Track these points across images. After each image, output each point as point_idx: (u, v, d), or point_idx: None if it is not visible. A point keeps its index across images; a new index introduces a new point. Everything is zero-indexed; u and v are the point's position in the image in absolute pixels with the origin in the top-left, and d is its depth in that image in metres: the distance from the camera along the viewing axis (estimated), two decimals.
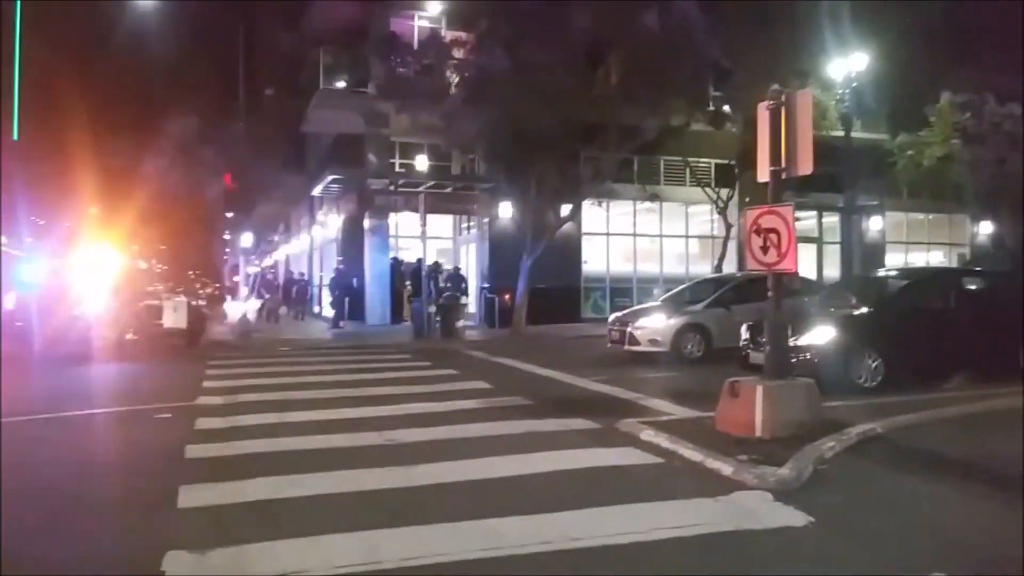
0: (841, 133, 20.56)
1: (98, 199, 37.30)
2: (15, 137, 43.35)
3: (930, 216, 30.11)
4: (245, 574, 4.18)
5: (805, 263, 25.25)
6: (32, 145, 41.90)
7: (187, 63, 36.79)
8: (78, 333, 15.46)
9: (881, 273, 14.82)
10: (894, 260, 28.39)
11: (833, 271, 26.33)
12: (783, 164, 7.38)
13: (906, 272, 14.75)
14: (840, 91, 20.80)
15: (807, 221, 27.85)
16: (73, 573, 4.33)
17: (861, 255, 24.51)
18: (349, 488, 5.84)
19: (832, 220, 27.80)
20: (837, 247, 26.85)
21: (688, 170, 26.01)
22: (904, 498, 5.70)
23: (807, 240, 27.31)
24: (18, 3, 38.95)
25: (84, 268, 18.76)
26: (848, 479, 6.11)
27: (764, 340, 10.63)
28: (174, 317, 17.08)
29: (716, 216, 25.33)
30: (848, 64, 20.28)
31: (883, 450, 6.96)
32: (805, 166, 7.33)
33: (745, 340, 11.43)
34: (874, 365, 10.13)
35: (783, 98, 7.41)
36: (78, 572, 4.33)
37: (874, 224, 27.87)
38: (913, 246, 29.98)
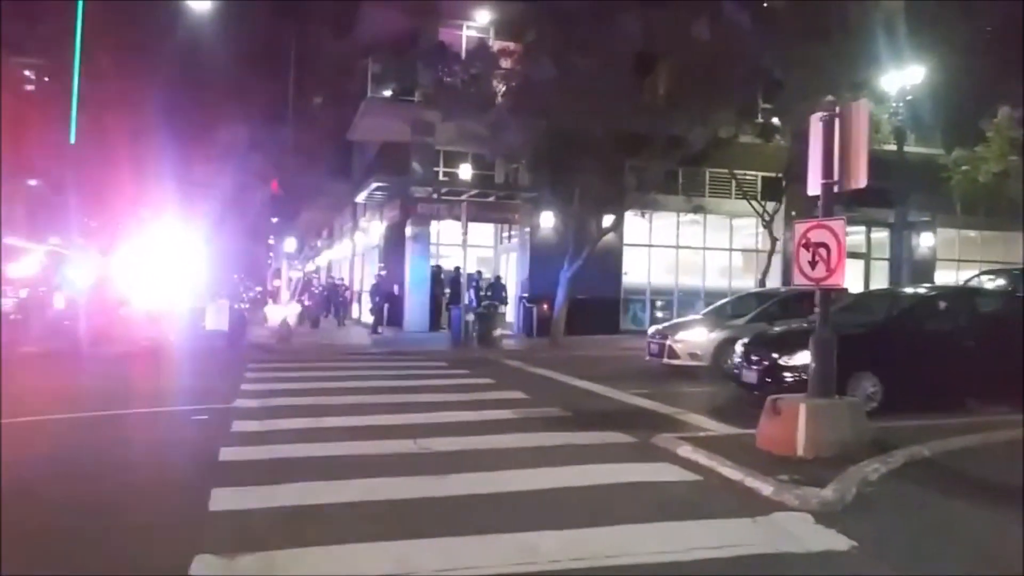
0: (894, 147, 20.09)
1: (148, 202, 38.14)
2: (72, 141, 44.60)
3: (984, 233, 29.26)
4: None
5: (852, 279, 24.66)
6: (87, 148, 43.07)
7: (238, 70, 37.42)
8: (123, 332, 15.75)
9: (885, 290, 14.22)
10: (944, 278, 27.63)
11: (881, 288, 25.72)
12: (835, 177, 7.17)
13: (913, 291, 14.06)
14: (894, 104, 20.32)
15: (855, 236, 27.27)
16: (100, 574, 4.31)
17: (910, 272, 23.89)
18: (381, 496, 5.78)
19: (881, 236, 27.19)
20: (886, 263, 26.24)
21: (734, 182, 25.65)
22: (952, 524, 5.45)
23: (855, 255, 26.71)
24: (80, 6, 40.09)
25: (132, 269, 19.14)
26: (894, 503, 5.87)
27: (756, 359, 10.53)
28: (216, 319, 17.31)
29: (761, 229, 24.92)
30: (903, 76, 19.80)
31: (931, 474, 6.69)
32: (859, 179, 7.11)
33: (739, 358, 11.05)
34: (871, 388, 9.56)
35: (837, 109, 7.21)
36: (105, 572, 4.32)
37: (925, 240, 27.16)
38: (965, 263, 29.14)
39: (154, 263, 20.68)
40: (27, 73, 42.41)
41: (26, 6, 35.62)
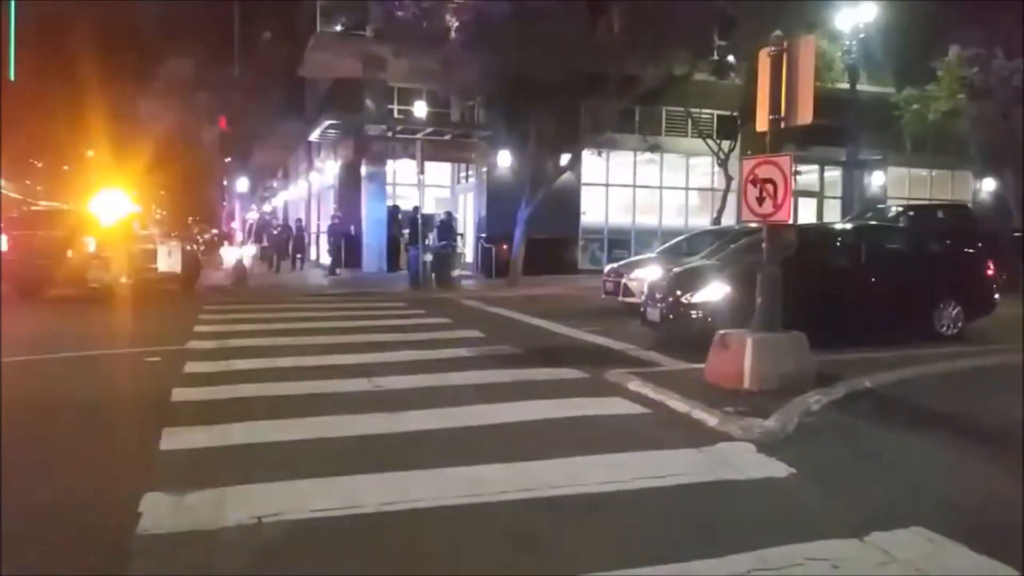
0: (846, 85, 20.23)
1: (95, 143, 36.96)
2: (12, 78, 42.81)
3: (933, 172, 29.85)
4: (220, 516, 4.15)
5: (805, 217, 25.07)
6: (29, 87, 41.43)
7: (181, 5, 36.07)
8: (72, 275, 15.40)
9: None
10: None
11: None
12: (782, 112, 7.21)
13: (816, 226, 14.10)
14: (847, 42, 20.41)
15: (809, 175, 27.62)
16: (50, 510, 4.31)
17: (862, 210, 24.34)
18: (333, 434, 5.82)
19: (834, 174, 27.57)
20: (839, 202, 26.68)
21: (690, 121, 25.69)
22: (889, 452, 5.67)
23: (808, 194, 27.12)
24: None
25: (80, 211, 18.62)
26: (834, 432, 6.08)
27: (660, 297, 10.61)
28: (168, 262, 17.01)
29: (717, 168, 25.09)
30: (856, 15, 19.86)
31: (870, 405, 6.93)
32: (805, 115, 7.15)
33: (644, 296, 11.18)
34: None
35: (785, 44, 7.21)
36: (55, 510, 4.32)
37: (876, 179, 27.63)
38: (915, 202, 29.79)
39: (102, 204, 20.12)
40: None
41: None
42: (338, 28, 23.52)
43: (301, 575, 3.62)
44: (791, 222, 7.58)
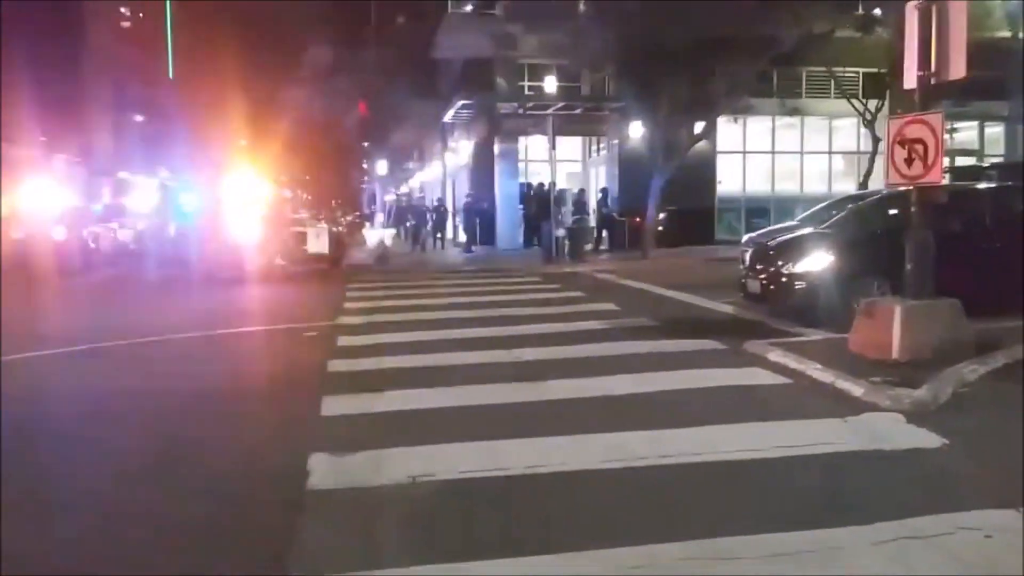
0: (1008, 34, 18.67)
1: (246, 132, 39.39)
2: (171, 75, 46.19)
3: None
4: (378, 475, 4.49)
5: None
6: (185, 82, 44.61)
7: None
8: (232, 258, 16.62)
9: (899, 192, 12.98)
10: None
11: None
12: (933, 68, 6.83)
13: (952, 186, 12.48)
14: None
15: (967, 132, 25.69)
16: (230, 467, 4.80)
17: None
18: (478, 402, 6.10)
19: (996, 131, 25.50)
20: (1000, 160, 24.68)
21: (833, 81, 24.41)
22: None
23: (966, 153, 25.23)
24: None
25: (236, 198, 20.01)
26: (991, 403, 5.79)
27: (761, 267, 10.19)
28: (317, 243, 18.01)
29: (863, 130, 23.78)
30: None
31: None
32: (958, 69, 6.75)
33: (744, 267, 10.74)
34: (880, 293, 8.58)
35: None
36: (235, 467, 4.81)
37: None
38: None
39: (254, 190, 21.52)
40: (122, 10, 43.94)
41: None
42: (468, 8, 23.89)
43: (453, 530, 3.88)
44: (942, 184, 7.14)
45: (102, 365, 8.16)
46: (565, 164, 25.76)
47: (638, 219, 21.72)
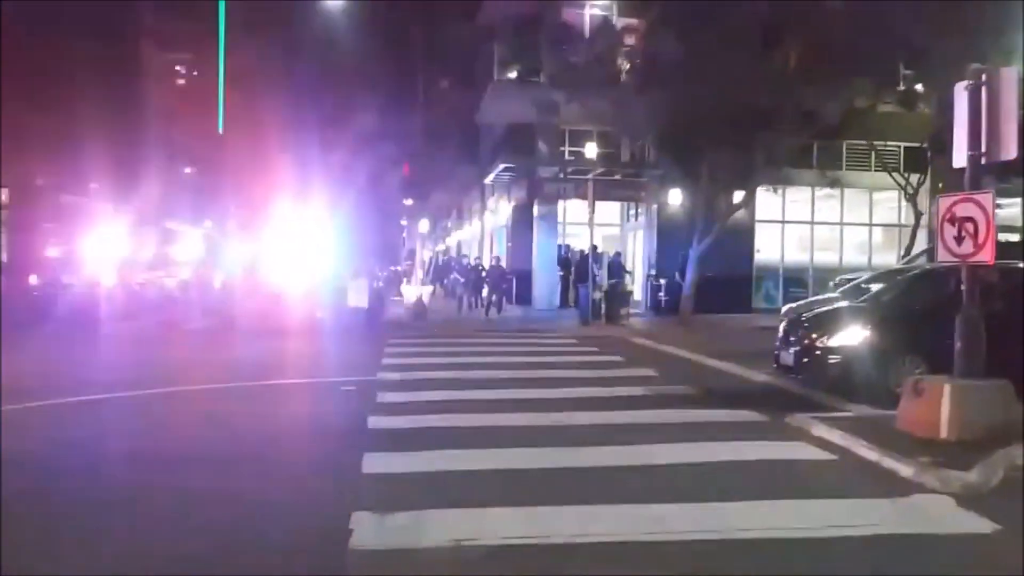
0: None
1: (291, 187, 40.34)
2: (220, 130, 47.69)
3: None
4: (421, 537, 4.48)
5: (1009, 256, 23.02)
6: (234, 137, 45.98)
7: (370, 61, 38.96)
8: (273, 309, 16.90)
9: (929, 266, 12.75)
10: None
11: None
12: (983, 148, 6.85)
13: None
14: None
15: (1011, 208, 25.41)
16: (273, 523, 4.82)
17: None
18: (519, 465, 6.08)
19: None
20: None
21: (873, 154, 24.44)
22: None
23: (1010, 229, 24.91)
24: (222, 5, 42.66)
25: (279, 252, 20.44)
26: None
27: (795, 339, 10.08)
28: (357, 297, 18.24)
29: (904, 203, 23.69)
30: None
31: None
32: (1009, 150, 6.77)
33: (779, 339, 10.62)
34: (917, 372, 8.36)
35: (984, 77, 6.87)
36: (277, 524, 4.83)
37: None
38: None
39: (297, 244, 21.97)
40: (178, 68, 45.77)
41: (172, 4, 38.39)
42: (513, 76, 24.48)
43: None
44: (993, 263, 7.07)
45: (143, 414, 8.29)
46: (603, 228, 25.93)
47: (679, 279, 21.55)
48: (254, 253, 22.45)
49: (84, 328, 16.12)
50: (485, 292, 22.94)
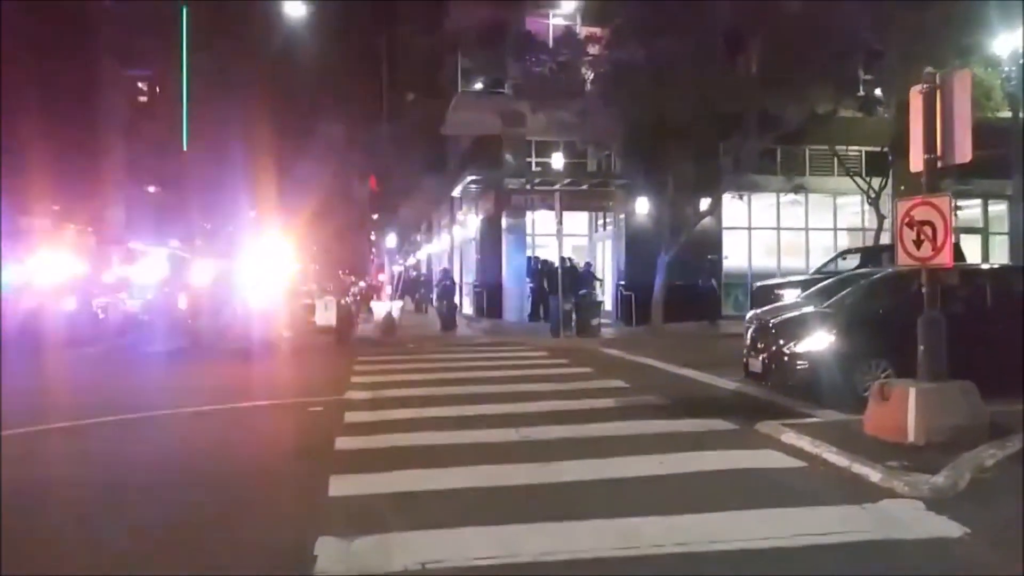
0: (1008, 114, 19.01)
1: (257, 204, 39.99)
2: (184, 148, 47.16)
3: None
4: (388, 561, 4.39)
5: (969, 255, 23.46)
6: (198, 154, 45.51)
7: (333, 72, 38.83)
8: (239, 330, 16.64)
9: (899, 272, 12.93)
10: None
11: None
12: (939, 152, 6.93)
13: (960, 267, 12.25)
14: (1006, 68, 19.22)
15: (971, 210, 25.91)
16: (236, 549, 4.69)
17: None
18: (487, 483, 6.00)
19: (1000, 208, 25.71)
20: (1005, 238, 24.83)
21: (836, 159, 24.79)
22: None
23: (971, 231, 25.38)
24: (184, 21, 42.23)
25: (246, 270, 20.16)
26: (1010, 489, 5.68)
27: (763, 346, 10.20)
28: (325, 315, 18.04)
29: (867, 207, 24.03)
30: (1015, 39, 18.70)
31: None
32: (964, 153, 6.86)
33: (747, 346, 10.73)
34: (883, 375, 8.68)
35: (938, 80, 6.96)
36: (240, 549, 4.70)
37: None
38: None
39: (263, 261, 21.69)
40: (140, 85, 45.19)
41: (132, 20, 37.89)
42: (478, 87, 24.49)
43: None
44: (952, 266, 7.15)
45: (104, 440, 8.07)
46: (572, 238, 25.98)
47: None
48: (220, 272, 22.10)
49: (40, 353, 15.73)
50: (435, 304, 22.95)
